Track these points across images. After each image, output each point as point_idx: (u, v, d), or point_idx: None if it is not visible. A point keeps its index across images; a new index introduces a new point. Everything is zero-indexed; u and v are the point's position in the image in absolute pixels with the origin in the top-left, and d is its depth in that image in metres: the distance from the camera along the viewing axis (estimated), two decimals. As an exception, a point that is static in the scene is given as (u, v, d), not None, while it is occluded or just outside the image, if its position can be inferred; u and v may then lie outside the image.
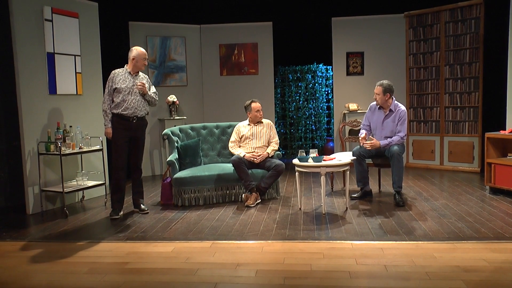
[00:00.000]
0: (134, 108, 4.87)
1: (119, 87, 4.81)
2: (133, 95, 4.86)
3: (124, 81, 4.85)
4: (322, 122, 9.89)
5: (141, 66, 4.95)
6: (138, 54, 4.90)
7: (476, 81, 6.99)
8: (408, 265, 3.32)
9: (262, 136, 5.65)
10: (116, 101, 4.83)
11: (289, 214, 4.86)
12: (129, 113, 4.85)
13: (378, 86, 5.26)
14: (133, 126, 4.91)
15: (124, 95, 4.82)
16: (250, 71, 8.15)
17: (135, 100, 4.88)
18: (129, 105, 4.84)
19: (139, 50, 4.93)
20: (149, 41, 7.54)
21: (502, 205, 4.97)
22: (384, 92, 5.22)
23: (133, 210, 5.17)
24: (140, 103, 4.92)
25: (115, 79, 4.85)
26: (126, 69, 4.93)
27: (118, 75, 4.87)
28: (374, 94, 5.30)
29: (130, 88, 4.85)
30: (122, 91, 4.82)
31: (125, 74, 4.89)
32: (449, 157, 7.30)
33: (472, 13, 6.96)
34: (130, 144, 4.97)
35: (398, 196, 5.10)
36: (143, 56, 4.93)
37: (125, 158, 4.95)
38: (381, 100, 5.26)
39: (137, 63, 4.90)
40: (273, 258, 3.57)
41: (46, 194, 5.30)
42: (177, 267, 3.42)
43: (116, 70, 4.92)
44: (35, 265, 3.56)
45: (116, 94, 4.83)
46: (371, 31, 7.93)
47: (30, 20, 5.18)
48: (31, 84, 5.16)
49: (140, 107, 4.93)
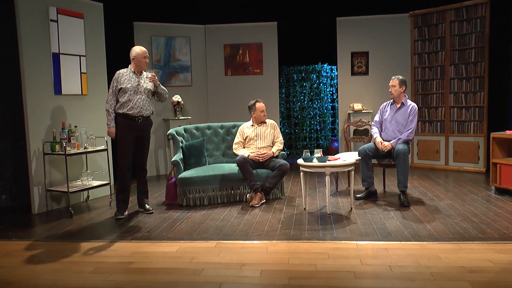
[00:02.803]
0: (140, 108, 4.88)
1: (124, 87, 4.83)
2: (138, 94, 4.88)
3: (129, 81, 4.86)
4: (326, 122, 9.87)
5: (142, 65, 4.96)
6: (137, 53, 4.91)
7: (482, 80, 6.96)
8: (413, 266, 3.31)
9: (266, 136, 5.65)
10: (121, 101, 4.84)
11: (294, 214, 4.85)
12: (135, 113, 4.86)
13: (394, 79, 5.36)
14: (139, 126, 4.93)
15: (130, 95, 4.84)
16: (254, 71, 8.15)
17: (141, 99, 4.90)
18: (134, 105, 4.85)
19: (137, 49, 4.93)
20: (154, 41, 7.55)
21: (507, 206, 4.94)
22: (400, 84, 5.32)
23: (137, 210, 5.18)
24: (145, 102, 4.94)
25: (120, 79, 4.86)
26: (130, 69, 4.95)
27: (123, 75, 4.89)
28: (390, 87, 5.38)
29: (135, 87, 4.87)
30: (128, 90, 4.83)
31: (129, 74, 4.91)
32: (454, 157, 7.27)
33: (478, 12, 6.92)
34: (135, 144, 4.99)
35: (403, 196, 5.09)
36: (142, 54, 4.93)
37: (131, 158, 4.97)
38: (397, 92, 5.33)
39: (138, 62, 4.91)
40: (278, 258, 3.57)
41: (51, 194, 5.32)
42: (182, 267, 3.42)
43: (121, 70, 4.94)
44: (40, 265, 3.58)
45: (121, 94, 4.85)
46: (375, 31, 7.91)
47: (36, 21, 5.20)
48: (36, 84, 5.19)
49: (146, 107, 4.95)
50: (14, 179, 5.32)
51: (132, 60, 4.93)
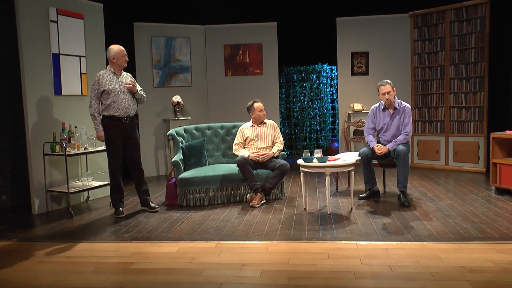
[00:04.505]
0: (125, 108, 4.88)
1: (107, 89, 4.80)
2: (122, 94, 4.86)
3: (111, 82, 4.83)
4: (326, 122, 9.87)
5: (122, 63, 4.92)
6: (116, 52, 4.87)
7: (482, 80, 6.96)
8: (413, 266, 3.31)
9: (266, 137, 5.64)
10: (105, 103, 4.81)
11: (294, 214, 4.85)
12: (121, 113, 4.85)
13: (386, 85, 5.22)
14: (125, 126, 4.92)
15: (114, 96, 4.81)
16: (254, 72, 8.15)
17: (125, 99, 4.88)
18: (120, 105, 4.84)
19: (116, 48, 4.88)
20: (154, 41, 7.55)
21: (507, 206, 4.94)
22: (393, 88, 5.25)
23: (137, 210, 5.18)
24: (130, 101, 4.93)
25: (101, 81, 4.82)
26: (109, 69, 4.91)
27: (103, 77, 4.84)
28: (385, 94, 5.21)
29: (118, 88, 4.85)
30: (111, 92, 4.80)
31: (110, 75, 4.88)
32: (454, 157, 7.27)
33: (478, 12, 6.92)
34: (125, 145, 4.99)
35: (403, 197, 5.09)
36: (122, 53, 4.89)
37: (121, 158, 5.00)
38: (393, 97, 5.25)
39: (118, 61, 4.88)
40: (278, 258, 3.57)
41: (51, 195, 5.33)
42: (182, 267, 3.42)
43: (100, 72, 4.91)
44: (41, 265, 3.58)
45: (104, 96, 4.81)
46: (375, 31, 7.91)
47: (36, 21, 5.21)
48: (37, 85, 5.19)
49: (131, 106, 4.95)
50: (14, 179, 5.31)
51: (111, 60, 4.88)
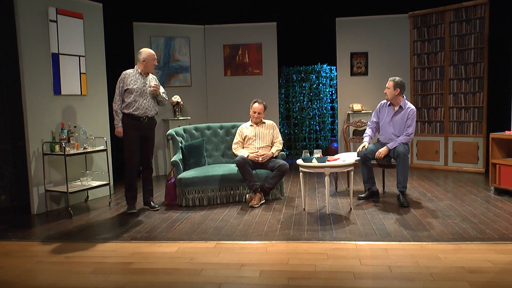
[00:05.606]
0: (145, 109, 4.95)
1: (130, 88, 4.88)
2: (144, 95, 4.94)
3: (135, 82, 4.92)
4: (326, 123, 9.88)
5: (151, 68, 5.04)
6: (148, 55, 4.97)
7: (481, 81, 6.97)
8: (413, 266, 3.31)
9: (265, 137, 5.65)
10: (126, 101, 4.90)
11: (293, 214, 4.85)
12: (140, 113, 4.93)
13: (390, 81, 5.27)
14: (143, 126, 5.00)
15: (136, 96, 4.90)
16: (254, 72, 8.15)
17: (146, 101, 4.97)
18: (140, 106, 4.92)
19: (148, 52, 4.99)
20: (153, 41, 7.55)
21: (507, 206, 4.94)
22: (394, 87, 5.22)
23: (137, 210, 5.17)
24: (150, 103, 5.01)
25: (126, 80, 4.91)
26: (136, 70, 4.99)
27: (129, 76, 4.94)
28: (385, 89, 5.31)
29: (141, 89, 4.93)
30: (133, 91, 4.89)
31: (136, 75, 4.96)
32: (454, 158, 7.28)
33: (477, 13, 6.93)
34: (141, 143, 5.05)
35: (402, 197, 5.09)
36: (152, 57, 5.01)
37: (138, 155, 5.06)
38: (391, 95, 5.25)
39: (147, 64, 4.98)
40: (277, 258, 3.57)
41: (50, 194, 5.32)
42: (182, 267, 3.42)
43: (127, 70, 4.99)
44: (40, 265, 3.58)
45: (127, 95, 4.90)
46: (375, 31, 7.92)
47: (35, 21, 5.20)
48: (36, 85, 5.19)
49: (151, 108, 5.02)
50: (14, 179, 5.31)
51: (141, 62, 4.97)
